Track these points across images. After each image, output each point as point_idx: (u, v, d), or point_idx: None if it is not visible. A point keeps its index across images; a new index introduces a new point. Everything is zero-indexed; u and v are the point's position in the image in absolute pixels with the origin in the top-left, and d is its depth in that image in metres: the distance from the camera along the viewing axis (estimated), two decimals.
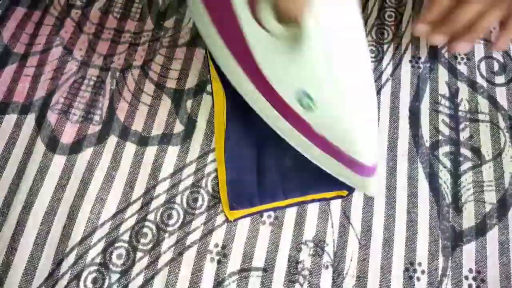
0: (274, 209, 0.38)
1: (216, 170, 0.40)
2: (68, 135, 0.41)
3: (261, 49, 0.29)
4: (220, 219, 0.38)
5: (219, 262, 0.37)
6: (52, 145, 0.41)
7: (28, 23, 0.47)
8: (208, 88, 0.44)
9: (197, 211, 0.39)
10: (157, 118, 0.42)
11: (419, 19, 0.40)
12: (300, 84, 0.28)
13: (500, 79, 0.45)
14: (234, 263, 0.37)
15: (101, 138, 0.41)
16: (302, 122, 0.30)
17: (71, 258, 0.37)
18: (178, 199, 0.39)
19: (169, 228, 0.38)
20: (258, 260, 0.37)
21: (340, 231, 0.38)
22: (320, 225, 0.38)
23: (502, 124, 0.42)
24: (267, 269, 0.37)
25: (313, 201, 0.38)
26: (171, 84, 0.44)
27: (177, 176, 0.40)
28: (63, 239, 0.37)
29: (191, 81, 0.44)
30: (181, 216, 0.38)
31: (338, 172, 0.33)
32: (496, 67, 0.45)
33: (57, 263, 0.37)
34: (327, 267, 0.37)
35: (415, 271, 0.37)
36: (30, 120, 0.42)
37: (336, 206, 0.39)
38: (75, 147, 0.41)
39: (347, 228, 0.38)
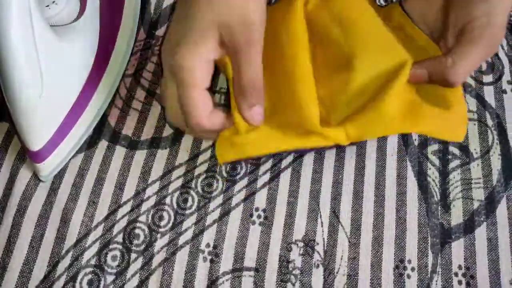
0: (268, 156, 0.38)
1: (205, 171, 0.40)
2: None
3: None
4: (210, 218, 0.39)
5: (211, 261, 0.37)
6: None
7: None
8: None
9: (187, 211, 0.39)
10: (147, 123, 0.43)
11: None
12: None
13: (488, 78, 0.46)
14: (226, 262, 0.37)
15: (91, 143, 0.42)
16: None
17: (66, 260, 0.37)
18: (168, 200, 0.40)
19: (161, 229, 0.38)
20: (250, 260, 0.37)
21: (329, 230, 0.38)
22: (310, 224, 0.39)
23: (490, 122, 0.43)
24: (259, 269, 0.37)
25: (312, 149, 0.38)
26: None
27: (166, 178, 0.40)
28: (58, 241, 0.38)
29: None
30: (172, 217, 0.39)
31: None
32: (484, 66, 0.46)
33: (53, 265, 0.37)
34: (317, 266, 0.37)
35: (405, 268, 0.37)
36: None
37: (325, 205, 0.39)
38: None
39: (337, 227, 0.39)
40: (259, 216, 0.39)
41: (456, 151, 0.42)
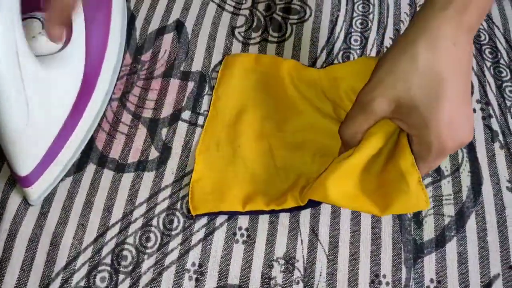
0: (233, 213, 0.41)
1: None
2: None
3: None
4: (195, 238, 0.41)
5: (197, 280, 0.39)
6: None
7: None
8: (183, 115, 0.46)
9: (173, 232, 0.41)
10: (133, 146, 0.44)
11: None
12: None
13: None
14: (211, 280, 0.39)
15: (80, 166, 0.43)
16: None
17: (57, 283, 0.38)
18: (154, 222, 0.41)
19: (148, 250, 0.40)
20: (233, 278, 0.39)
21: (309, 247, 0.40)
22: (290, 243, 0.40)
23: None
24: (242, 286, 0.39)
25: (273, 211, 0.40)
26: (147, 114, 0.46)
27: (152, 200, 0.42)
28: (48, 264, 0.39)
29: (166, 111, 0.46)
30: (159, 238, 0.41)
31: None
32: None
33: (44, 287, 0.38)
34: (298, 282, 0.39)
35: (380, 282, 0.39)
36: None
37: (305, 224, 0.41)
38: None
39: (316, 245, 0.40)
40: (242, 235, 0.41)
41: None
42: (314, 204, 0.40)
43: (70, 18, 0.38)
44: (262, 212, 0.41)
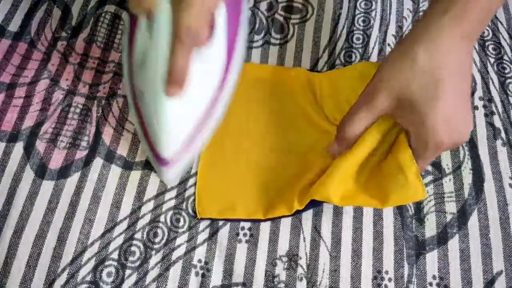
0: (250, 221, 0.42)
1: (194, 193, 0.43)
2: (56, 161, 0.44)
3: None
4: (201, 237, 0.41)
5: (203, 276, 0.40)
6: (41, 172, 0.43)
7: (13, 54, 0.49)
8: None
9: (180, 230, 0.41)
10: (140, 146, 0.45)
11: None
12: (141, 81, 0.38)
13: None
14: (216, 278, 0.40)
15: (87, 161, 0.44)
16: (138, 106, 0.40)
17: (62, 278, 0.39)
18: (162, 218, 0.42)
19: (156, 246, 0.40)
20: (238, 276, 0.40)
21: (311, 244, 0.41)
22: (293, 240, 0.41)
23: None
24: (246, 284, 0.39)
25: (283, 216, 0.41)
26: None
27: (160, 198, 0.43)
28: (54, 260, 0.40)
29: None
30: (166, 234, 0.41)
31: (148, 153, 0.41)
32: None
33: (49, 283, 0.39)
34: (301, 279, 0.39)
35: (382, 279, 0.40)
36: (18, 148, 0.44)
37: (307, 221, 0.42)
38: (63, 172, 0.43)
39: (318, 242, 0.41)
40: (245, 235, 0.41)
41: (428, 167, 0.44)
42: (316, 204, 0.41)
43: (211, 18, 0.36)
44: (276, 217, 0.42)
